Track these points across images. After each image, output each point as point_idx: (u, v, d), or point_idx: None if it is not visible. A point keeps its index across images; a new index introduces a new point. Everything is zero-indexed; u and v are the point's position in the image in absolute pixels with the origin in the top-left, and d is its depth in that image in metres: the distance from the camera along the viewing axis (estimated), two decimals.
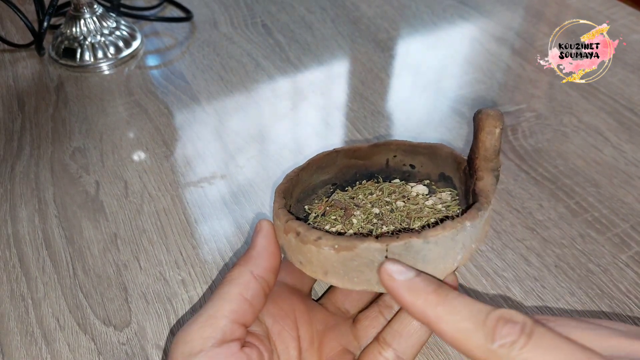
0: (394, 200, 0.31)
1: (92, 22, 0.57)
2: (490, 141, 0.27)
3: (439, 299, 0.22)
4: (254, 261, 0.27)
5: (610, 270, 0.38)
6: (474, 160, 0.28)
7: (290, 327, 0.28)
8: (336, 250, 0.24)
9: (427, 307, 0.22)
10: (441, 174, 0.33)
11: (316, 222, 0.30)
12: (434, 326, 0.22)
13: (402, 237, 0.24)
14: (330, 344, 0.29)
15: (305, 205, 0.32)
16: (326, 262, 0.25)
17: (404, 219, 0.30)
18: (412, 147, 0.33)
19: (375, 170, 0.34)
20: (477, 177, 0.28)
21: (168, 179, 0.45)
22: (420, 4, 0.67)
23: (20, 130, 0.49)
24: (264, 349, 0.26)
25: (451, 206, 0.31)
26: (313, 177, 0.33)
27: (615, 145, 0.48)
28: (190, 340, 0.24)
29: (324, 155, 0.32)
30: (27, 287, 0.37)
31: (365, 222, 0.29)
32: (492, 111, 0.27)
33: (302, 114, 0.52)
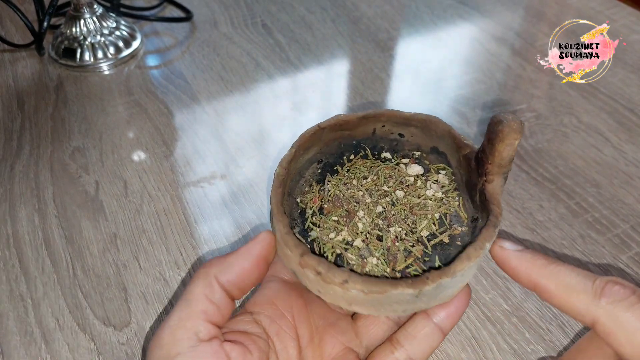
0: (392, 189, 0.31)
1: (92, 22, 0.57)
2: (509, 152, 0.26)
3: (546, 262, 0.24)
4: (224, 267, 0.26)
5: (610, 271, 0.38)
6: (485, 163, 0.27)
7: (288, 327, 0.28)
8: (366, 294, 0.24)
9: (535, 268, 0.24)
10: (434, 148, 0.32)
11: (315, 223, 0.29)
12: (541, 286, 0.24)
13: (432, 278, 0.24)
14: (331, 341, 0.29)
15: (297, 197, 0.31)
16: (352, 299, 0.24)
17: (407, 215, 0.29)
18: (405, 120, 0.32)
19: (361, 139, 0.33)
20: (487, 179, 0.28)
21: (168, 178, 0.45)
22: (420, 4, 0.67)
23: (19, 129, 0.49)
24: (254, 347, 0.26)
25: (449, 191, 0.30)
26: (299, 161, 0.31)
27: (615, 146, 0.48)
28: (165, 345, 0.24)
29: (309, 136, 0.31)
30: (26, 287, 0.37)
31: (371, 226, 0.29)
32: (515, 123, 0.26)
33: (302, 114, 0.52)
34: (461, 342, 0.34)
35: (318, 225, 0.29)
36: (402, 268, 0.27)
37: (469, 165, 0.29)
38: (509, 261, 0.25)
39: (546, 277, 0.24)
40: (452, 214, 0.30)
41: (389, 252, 0.27)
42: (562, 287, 0.23)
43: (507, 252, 0.25)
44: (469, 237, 0.29)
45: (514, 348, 0.34)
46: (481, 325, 0.35)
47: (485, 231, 0.26)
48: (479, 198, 0.28)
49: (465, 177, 0.30)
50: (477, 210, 0.29)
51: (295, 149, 0.30)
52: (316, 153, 0.32)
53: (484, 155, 0.27)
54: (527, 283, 0.24)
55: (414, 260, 0.27)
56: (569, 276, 0.23)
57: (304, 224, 0.29)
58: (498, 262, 0.26)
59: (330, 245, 0.28)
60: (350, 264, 0.27)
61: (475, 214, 0.29)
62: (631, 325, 0.21)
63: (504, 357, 0.33)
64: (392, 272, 0.27)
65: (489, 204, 0.27)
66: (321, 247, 0.28)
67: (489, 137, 0.26)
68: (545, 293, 0.24)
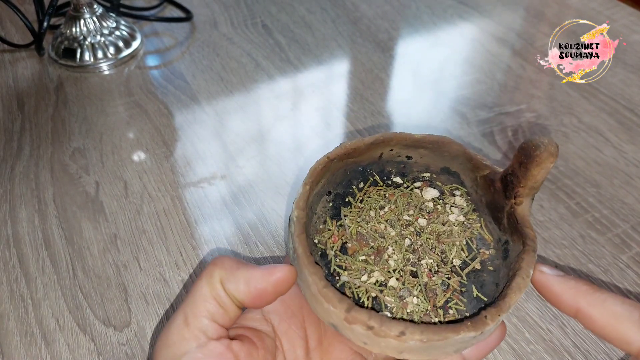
0: (414, 217, 0.29)
1: (92, 22, 0.57)
2: (543, 175, 0.26)
3: (591, 290, 0.24)
4: (232, 277, 0.25)
5: (610, 270, 0.38)
6: (516, 187, 0.27)
7: (297, 326, 0.28)
8: (424, 343, 0.23)
9: (579, 296, 0.24)
10: (444, 168, 0.31)
11: (345, 268, 0.27)
12: (585, 312, 0.23)
13: (491, 317, 0.24)
14: (340, 346, 0.29)
15: (313, 237, 0.28)
16: (407, 348, 0.23)
17: (434, 244, 0.28)
18: (415, 142, 0.31)
19: (367, 165, 0.32)
20: (516, 202, 0.27)
21: (168, 179, 0.45)
22: (420, 4, 0.67)
23: (20, 130, 0.49)
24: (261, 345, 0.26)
25: (468, 213, 0.30)
26: (310, 197, 0.29)
27: (615, 146, 0.48)
28: (172, 344, 0.24)
29: (320, 170, 0.28)
30: (26, 288, 0.37)
31: (403, 262, 0.27)
32: (552, 147, 0.25)
33: (302, 114, 0.52)
34: None
35: (345, 267, 0.27)
36: (443, 303, 0.26)
37: (491, 186, 0.29)
38: (551, 287, 0.25)
39: (591, 305, 0.23)
40: (476, 237, 0.29)
41: (426, 288, 0.26)
42: (607, 315, 0.23)
43: (548, 277, 0.25)
44: (499, 260, 0.28)
45: (514, 348, 0.34)
46: None
47: (526, 257, 0.25)
48: (506, 220, 0.28)
49: (487, 198, 0.29)
50: (504, 232, 0.28)
51: (309, 186, 0.28)
52: (324, 185, 0.30)
53: (514, 178, 0.26)
54: (570, 310, 0.24)
55: (452, 293, 0.27)
56: (614, 304, 0.23)
57: (328, 268, 0.27)
58: (538, 287, 0.25)
59: (364, 289, 0.26)
60: (389, 307, 0.26)
61: (502, 236, 0.28)
62: None
63: (504, 357, 0.33)
64: (432, 308, 0.26)
65: (522, 227, 0.26)
66: (354, 291, 0.26)
67: (522, 161, 0.26)
68: (589, 320, 0.23)
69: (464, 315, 0.26)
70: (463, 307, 0.26)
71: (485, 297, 0.27)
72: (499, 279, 0.27)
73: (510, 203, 0.27)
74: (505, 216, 0.28)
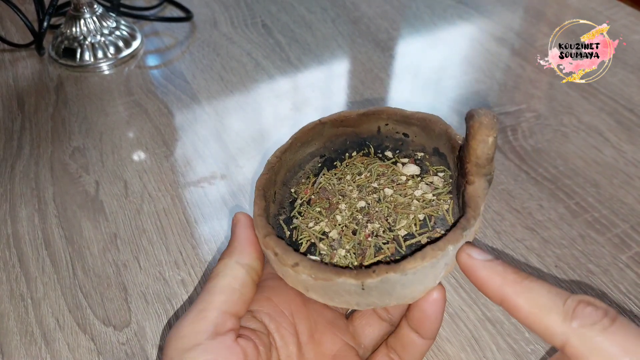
0: (382, 186, 0.30)
1: (92, 22, 0.57)
2: (482, 149, 0.24)
3: (518, 278, 0.22)
4: (237, 252, 0.27)
5: (610, 270, 0.38)
6: (465, 163, 0.26)
7: (287, 324, 0.28)
8: (314, 279, 0.24)
9: (505, 284, 0.22)
10: (435, 149, 0.31)
11: (301, 212, 0.30)
12: (510, 301, 0.22)
13: (378, 272, 0.23)
14: (331, 338, 0.29)
15: (292, 187, 0.31)
16: (305, 283, 0.25)
17: (390, 212, 0.29)
18: (405, 118, 0.31)
19: (367, 137, 0.33)
20: (467, 180, 0.26)
21: (168, 179, 0.45)
22: (420, 4, 0.67)
23: (20, 130, 0.49)
24: (260, 343, 0.26)
25: (442, 194, 0.29)
26: (298, 153, 0.32)
27: (615, 146, 0.48)
28: (184, 336, 0.24)
29: (308, 129, 0.31)
30: (26, 287, 0.37)
31: (349, 220, 0.29)
32: (486, 118, 0.24)
33: (302, 114, 0.52)
34: (461, 342, 0.34)
35: (302, 214, 0.30)
36: (369, 263, 0.26)
37: (459, 165, 0.28)
38: (476, 271, 0.23)
39: (517, 294, 0.22)
40: (438, 217, 0.29)
41: (360, 246, 0.27)
42: (532, 305, 0.21)
43: (474, 261, 0.24)
44: None
45: (513, 348, 0.34)
46: (481, 325, 0.35)
47: (451, 233, 0.24)
48: (461, 201, 0.27)
49: (457, 177, 0.29)
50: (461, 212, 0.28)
51: (292, 141, 0.31)
52: (320, 147, 0.33)
53: (463, 154, 0.26)
54: (495, 297, 0.23)
55: (383, 257, 0.26)
56: (540, 293, 0.21)
57: (291, 212, 0.30)
58: (464, 271, 0.24)
59: (307, 234, 0.28)
60: (322, 255, 0.27)
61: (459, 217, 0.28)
62: (604, 350, 0.20)
63: (504, 357, 0.33)
64: (358, 265, 0.26)
65: (465, 206, 0.25)
66: (299, 235, 0.29)
67: (466, 135, 0.25)
68: (514, 310, 0.22)
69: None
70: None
71: None
72: None
73: (463, 182, 0.26)
74: (461, 197, 0.27)
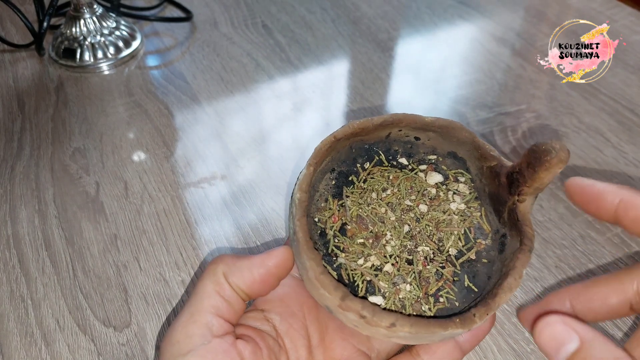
0: (415, 203, 0.29)
1: (92, 22, 0.57)
2: (550, 179, 0.25)
3: (634, 191, 0.24)
4: (234, 270, 0.26)
5: (610, 270, 0.38)
6: (521, 185, 0.26)
7: (298, 326, 0.28)
8: (413, 335, 0.23)
9: (621, 192, 0.24)
10: (451, 152, 0.31)
11: (342, 250, 0.27)
12: (628, 205, 0.24)
13: (479, 315, 0.24)
14: (342, 343, 0.29)
15: (314, 215, 0.29)
16: (397, 336, 0.24)
17: (432, 231, 0.29)
18: (424, 125, 0.30)
19: (374, 143, 0.31)
20: (519, 199, 0.27)
21: (168, 179, 0.45)
22: (420, 4, 0.67)
23: (20, 130, 0.49)
24: (264, 345, 0.26)
25: (470, 201, 0.30)
26: (314, 178, 0.29)
27: (615, 146, 0.48)
28: (178, 341, 0.24)
29: (325, 150, 0.28)
30: (26, 288, 0.37)
31: (400, 249, 0.28)
32: (563, 153, 0.24)
33: (302, 114, 0.52)
34: None
35: (342, 249, 0.28)
36: (434, 291, 0.27)
37: (496, 178, 0.28)
38: (590, 187, 0.25)
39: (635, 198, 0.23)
40: (474, 226, 0.29)
41: (420, 277, 0.27)
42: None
43: (584, 181, 0.25)
44: (495, 252, 0.28)
45: (514, 348, 0.34)
46: None
47: (521, 256, 0.25)
48: (507, 215, 0.28)
49: (490, 189, 0.29)
50: (504, 225, 0.28)
51: (314, 167, 0.27)
52: (328, 162, 0.30)
53: (520, 176, 0.26)
54: (609, 211, 0.24)
55: (444, 282, 0.27)
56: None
57: (327, 247, 0.28)
58: (573, 193, 0.25)
59: (359, 273, 0.27)
60: (382, 292, 0.26)
61: (501, 229, 0.28)
62: None
63: (505, 357, 0.33)
64: (424, 296, 0.26)
65: (522, 225, 0.26)
66: (349, 273, 0.27)
67: (530, 162, 0.26)
68: (633, 218, 0.23)
69: (454, 303, 0.27)
70: (453, 296, 0.27)
71: (477, 288, 0.27)
72: (491, 272, 0.27)
73: (513, 199, 0.27)
74: (506, 210, 0.28)
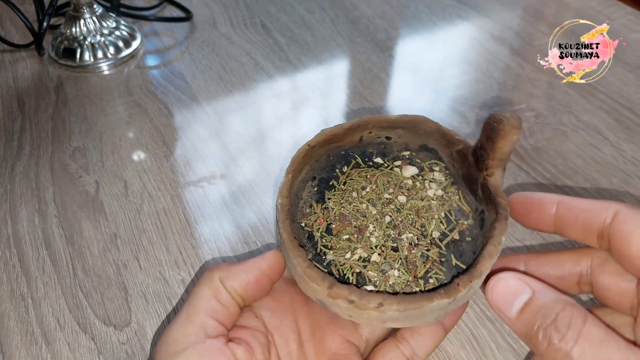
0: (394, 195, 0.31)
1: (91, 22, 0.57)
2: (510, 148, 0.27)
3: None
4: (230, 274, 0.27)
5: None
6: (486, 159, 0.28)
7: (289, 321, 0.28)
8: (402, 312, 0.24)
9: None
10: (423, 145, 0.33)
11: (327, 245, 0.28)
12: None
13: (462, 284, 0.24)
14: (331, 335, 0.29)
15: (300, 221, 0.30)
16: (388, 318, 0.25)
17: (414, 219, 0.30)
18: (391, 123, 0.32)
19: (349, 149, 0.33)
20: (488, 173, 0.28)
21: (168, 179, 0.45)
22: (419, 4, 0.67)
23: (20, 130, 0.49)
24: (256, 343, 0.26)
25: (447, 187, 0.31)
26: (294, 184, 0.30)
27: (614, 144, 0.48)
28: (173, 340, 0.25)
29: (301, 158, 0.30)
30: (27, 287, 0.37)
31: (384, 238, 0.29)
32: (515, 120, 0.26)
33: (302, 113, 0.52)
34: (461, 341, 0.34)
35: (330, 247, 0.29)
36: (423, 273, 0.27)
37: (465, 160, 0.30)
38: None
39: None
40: (455, 209, 0.30)
41: (407, 261, 0.28)
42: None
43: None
44: (477, 229, 0.29)
45: (513, 347, 0.34)
46: (480, 323, 0.35)
47: (498, 225, 0.26)
48: (481, 191, 0.29)
49: (462, 172, 0.31)
50: (481, 202, 0.29)
51: (292, 174, 0.29)
52: (309, 171, 0.32)
53: (483, 151, 0.28)
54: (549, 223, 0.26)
55: (432, 263, 0.28)
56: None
57: (316, 248, 0.29)
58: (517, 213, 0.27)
59: (348, 266, 0.28)
60: (373, 281, 0.27)
61: (479, 206, 0.29)
62: None
63: (503, 356, 0.33)
64: (414, 279, 0.27)
65: (495, 197, 0.27)
66: (339, 269, 0.28)
67: (489, 136, 0.27)
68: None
69: (444, 282, 0.27)
70: (442, 275, 0.28)
71: (464, 265, 0.28)
72: (476, 248, 0.28)
73: (483, 175, 0.28)
74: (479, 187, 0.29)
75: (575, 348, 0.20)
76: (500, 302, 0.23)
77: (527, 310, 0.22)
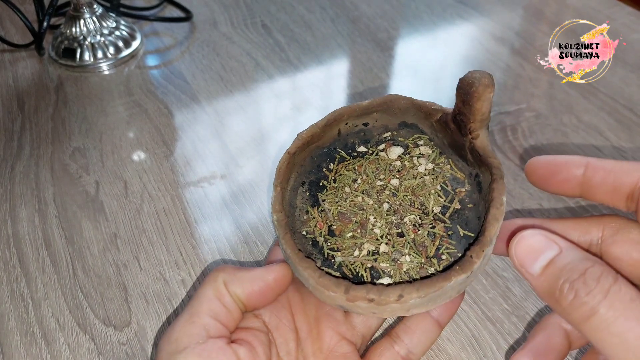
0: (387, 180, 0.30)
1: (91, 22, 0.57)
2: (487, 107, 0.26)
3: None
4: (235, 279, 0.27)
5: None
6: (467, 123, 0.28)
7: (287, 319, 0.29)
8: (423, 298, 0.24)
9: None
10: (402, 123, 0.33)
11: (337, 249, 0.28)
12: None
13: (476, 254, 0.24)
14: (328, 332, 0.30)
15: (300, 230, 0.29)
16: (410, 306, 0.24)
17: (412, 199, 0.29)
18: (365, 109, 0.32)
19: (330, 145, 0.32)
20: (473, 136, 0.28)
21: (168, 179, 0.45)
22: (419, 4, 0.67)
23: (20, 130, 0.49)
24: (258, 343, 0.26)
25: (436, 159, 0.31)
26: (285, 195, 0.30)
27: (614, 145, 0.48)
28: (175, 340, 0.25)
29: (285, 167, 0.29)
30: (27, 287, 0.37)
31: (387, 227, 0.28)
32: (486, 78, 0.26)
33: (302, 113, 0.52)
34: (461, 342, 0.34)
35: (337, 248, 0.28)
36: (434, 252, 0.27)
37: (447, 128, 0.30)
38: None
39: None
40: (449, 179, 0.30)
41: (415, 244, 0.27)
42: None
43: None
44: (476, 193, 0.29)
45: (514, 348, 0.34)
46: (481, 324, 0.35)
47: (496, 186, 0.26)
48: (471, 156, 0.29)
49: (447, 140, 0.31)
50: (473, 166, 0.29)
51: (280, 186, 0.29)
52: (296, 178, 0.31)
53: (462, 116, 0.28)
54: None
55: (440, 240, 0.27)
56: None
57: (323, 254, 0.28)
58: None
59: (359, 263, 0.27)
60: (387, 272, 0.27)
61: (472, 170, 0.29)
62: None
63: (504, 357, 0.33)
64: (427, 260, 0.27)
65: (485, 158, 0.27)
66: (351, 268, 0.27)
67: (464, 99, 0.27)
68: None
69: (456, 255, 0.27)
70: (454, 249, 0.27)
71: (472, 233, 0.28)
72: (480, 212, 0.28)
73: (468, 139, 0.28)
74: (467, 152, 0.29)
75: (604, 302, 0.19)
76: (524, 258, 0.22)
77: (552, 266, 0.21)
